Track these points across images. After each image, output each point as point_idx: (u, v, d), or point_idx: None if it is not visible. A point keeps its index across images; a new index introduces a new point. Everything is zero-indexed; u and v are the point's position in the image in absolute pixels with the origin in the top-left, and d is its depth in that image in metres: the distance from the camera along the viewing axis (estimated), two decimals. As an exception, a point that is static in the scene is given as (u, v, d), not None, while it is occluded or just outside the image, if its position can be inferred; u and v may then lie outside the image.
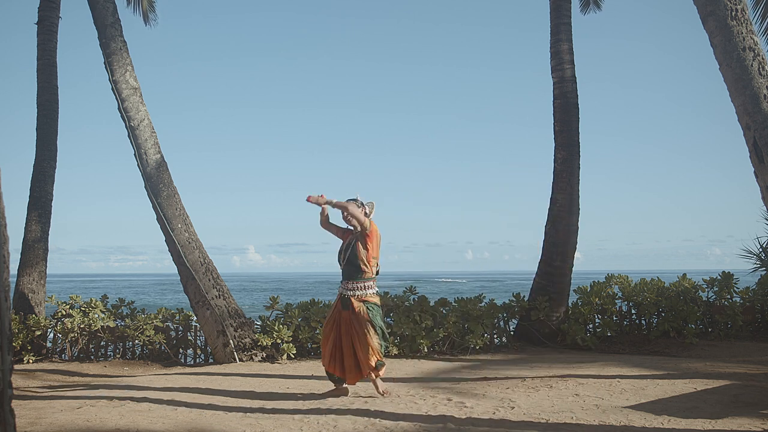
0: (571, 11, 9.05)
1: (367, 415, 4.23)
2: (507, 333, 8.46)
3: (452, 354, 7.67)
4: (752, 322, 8.79)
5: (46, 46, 9.42)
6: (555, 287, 8.55)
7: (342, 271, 4.91)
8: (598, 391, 5.01)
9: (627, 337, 8.40)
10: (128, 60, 7.85)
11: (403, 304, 7.93)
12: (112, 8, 7.92)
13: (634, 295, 8.59)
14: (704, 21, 5.00)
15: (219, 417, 4.34)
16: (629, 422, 3.99)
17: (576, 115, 8.82)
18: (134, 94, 7.77)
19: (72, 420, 4.28)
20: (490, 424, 4.00)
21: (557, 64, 8.91)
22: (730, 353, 7.34)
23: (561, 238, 8.68)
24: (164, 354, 8.06)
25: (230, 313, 7.61)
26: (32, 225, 9.05)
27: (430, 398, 4.84)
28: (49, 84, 9.41)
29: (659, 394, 4.85)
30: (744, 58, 4.74)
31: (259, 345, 7.53)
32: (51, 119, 9.38)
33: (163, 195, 7.70)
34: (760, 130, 4.61)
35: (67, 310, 8.33)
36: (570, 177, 8.71)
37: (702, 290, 8.78)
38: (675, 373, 5.81)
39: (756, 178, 4.74)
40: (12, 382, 1.93)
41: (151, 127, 7.84)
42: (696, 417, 4.08)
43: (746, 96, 4.70)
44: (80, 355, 8.18)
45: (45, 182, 9.24)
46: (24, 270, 8.86)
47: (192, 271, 7.56)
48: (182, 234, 7.68)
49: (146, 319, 8.00)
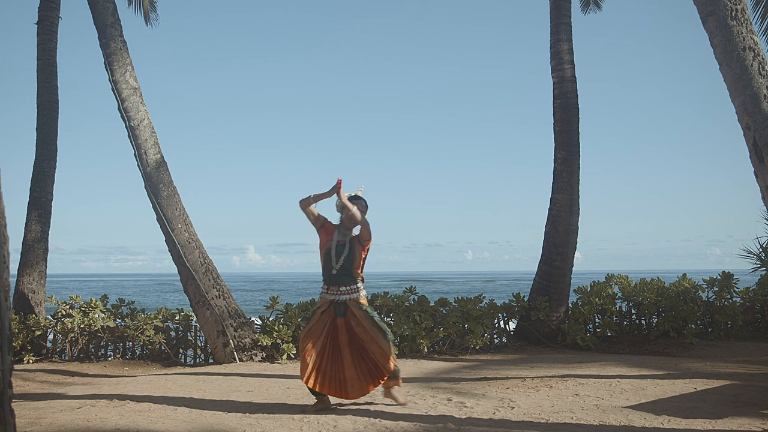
0: (571, 11, 9.06)
1: (367, 415, 4.23)
2: (507, 333, 8.46)
3: (452, 354, 7.68)
4: (752, 322, 8.79)
5: (46, 46, 9.43)
6: (555, 287, 8.56)
7: (331, 277, 4.41)
8: (598, 391, 5.01)
9: (627, 337, 8.40)
10: (128, 60, 7.85)
11: (403, 304, 7.93)
12: (112, 8, 7.92)
13: (634, 295, 8.59)
14: (704, 21, 5.00)
15: (219, 417, 4.34)
16: (629, 422, 3.99)
17: (576, 115, 8.82)
18: (134, 94, 7.77)
19: (72, 420, 4.28)
20: (490, 424, 4.00)
21: (557, 64, 8.91)
22: (730, 353, 7.34)
23: (561, 238, 8.68)
24: (164, 354, 8.06)
25: (230, 313, 7.61)
26: (32, 225, 9.05)
27: (430, 398, 4.84)
28: (49, 84, 9.41)
29: (659, 394, 4.85)
30: (744, 58, 4.73)
31: (259, 345, 7.54)
32: (51, 119, 9.39)
33: (163, 195, 7.70)
34: (760, 130, 4.61)
35: (67, 310, 8.33)
36: (570, 177, 8.71)
37: (702, 290, 8.78)
38: (675, 373, 5.82)
39: (756, 178, 4.74)
40: (12, 382, 1.93)
41: (151, 127, 7.84)
42: (696, 417, 4.08)
43: (746, 96, 4.69)
44: (80, 355, 8.18)
45: (45, 182, 9.24)
46: (24, 270, 8.87)
47: (192, 271, 7.57)
48: (182, 234, 7.68)
49: (146, 319, 8.00)
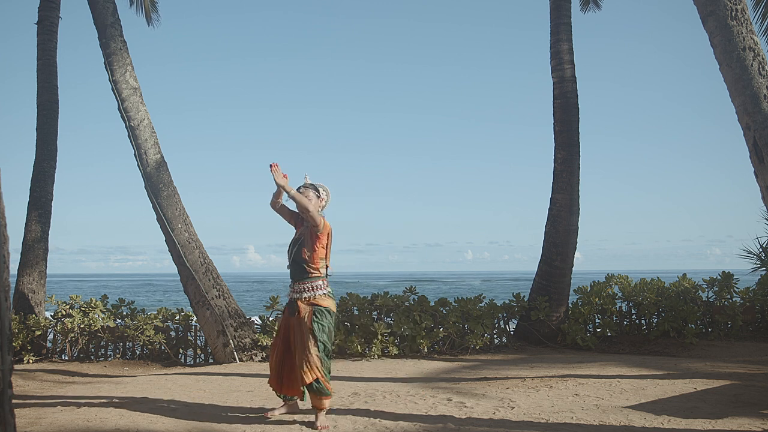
0: (571, 11, 9.07)
1: (367, 415, 4.23)
2: (507, 333, 8.46)
3: (452, 354, 7.68)
4: (752, 322, 8.79)
5: (46, 46, 9.43)
6: (555, 287, 8.56)
7: (289, 271, 4.19)
8: (598, 391, 5.01)
9: (627, 337, 8.40)
10: (128, 60, 7.85)
11: (403, 304, 7.93)
12: (112, 8, 7.92)
13: (634, 295, 8.59)
14: (704, 21, 5.00)
15: (219, 417, 4.34)
16: (629, 422, 3.99)
17: (576, 115, 8.82)
18: (134, 94, 7.78)
19: (72, 420, 4.27)
20: (490, 424, 4.00)
21: (557, 64, 8.92)
22: (730, 353, 7.34)
23: (561, 238, 8.68)
24: (164, 354, 8.06)
25: (230, 313, 7.61)
26: (32, 225, 9.05)
27: (430, 398, 4.84)
28: (49, 84, 9.41)
29: (659, 394, 4.85)
30: (744, 58, 4.74)
31: (259, 345, 7.54)
32: (51, 119, 9.39)
33: (163, 195, 7.70)
34: (760, 130, 4.61)
35: (67, 310, 8.33)
36: (570, 177, 8.71)
37: (702, 290, 8.78)
38: (675, 373, 5.82)
39: (756, 178, 4.74)
40: (12, 382, 1.93)
41: (151, 127, 7.84)
42: (696, 417, 4.08)
43: (746, 96, 4.69)
44: (80, 355, 8.18)
45: (45, 182, 9.24)
46: (24, 270, 8.87)
47: (192, 271, 7.57)
48: (182, 234, 7.68)
49: (146, 319, 8.00)
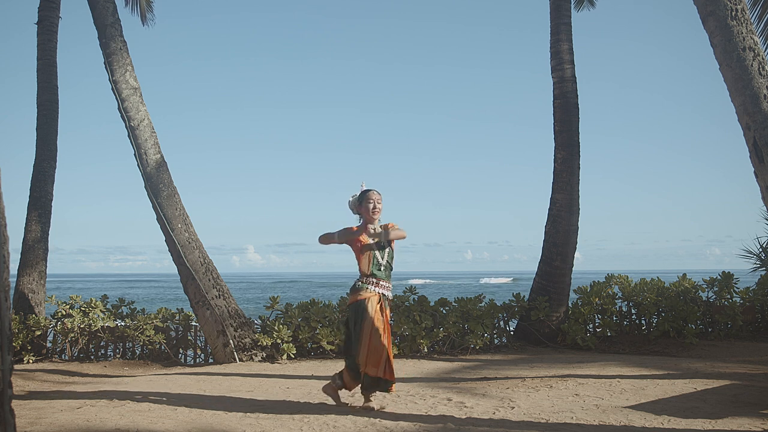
0: (571, 11, 9.06)
1: (367, 415, 4.23)
2: (507, 333, 8.46)
3: (452, 354, 7.68)
4: (752, 322, 8.79)
5: (46, 46, 9.43)
6: (555, 287, 8.55)
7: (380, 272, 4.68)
8: (598, 391, 5.01)
9: (627, 337, 8.40)
10: (128, 60, 7.85)
11: (403, 304, 7.93)
12: (112, 8, 7.92)
13: (634, 295, 8.59)
14: (704, 21, 5.00)
15: (219, 417, 4.34)
16: (629, 422, 3.99)
17: (576, 115, 8.82)
18: (134, 94, 7.77)
19: (72, 420, 4.28)
20: (490, 424, 4.00)
21: (557, 64, 8.91)
22: (730, 353, 7.34)
23: (561, 238, 8.68)
24: (164, 354, 8.06)
25: (230, 313, 7.61)
26: (32, 225, 9.05)
27: (430, 398, 4.84)
28: (49, 84, 9.41)
29: (659, 394, 4.85)
30: (744, 58, 4.73)
31: (259, 345, 7.54)
32: (51, 119, 9.39)
33: (163, 195, 7.70)
34: (760, 130, 4.61)
35: (67, 310, 8.33)
36: (570, 177, 8.71)
37: (702, 290, 8.78)
38: (675, 373, 5.82)
39: (756, 178, 4.73)
40: (12, 382, 1.93)
41: (151, 127, 7.84)
42: (696, 417, 4.08)
43: (746, 96, 4.69)
44: (80, 355, 8.18)
45: (45, 182, 9.24)
46: (24, 270, 8.87)
47: (192, 271, 7.57)
48: (182, 234, 7.68)
49: (146, 319, 8.01)
